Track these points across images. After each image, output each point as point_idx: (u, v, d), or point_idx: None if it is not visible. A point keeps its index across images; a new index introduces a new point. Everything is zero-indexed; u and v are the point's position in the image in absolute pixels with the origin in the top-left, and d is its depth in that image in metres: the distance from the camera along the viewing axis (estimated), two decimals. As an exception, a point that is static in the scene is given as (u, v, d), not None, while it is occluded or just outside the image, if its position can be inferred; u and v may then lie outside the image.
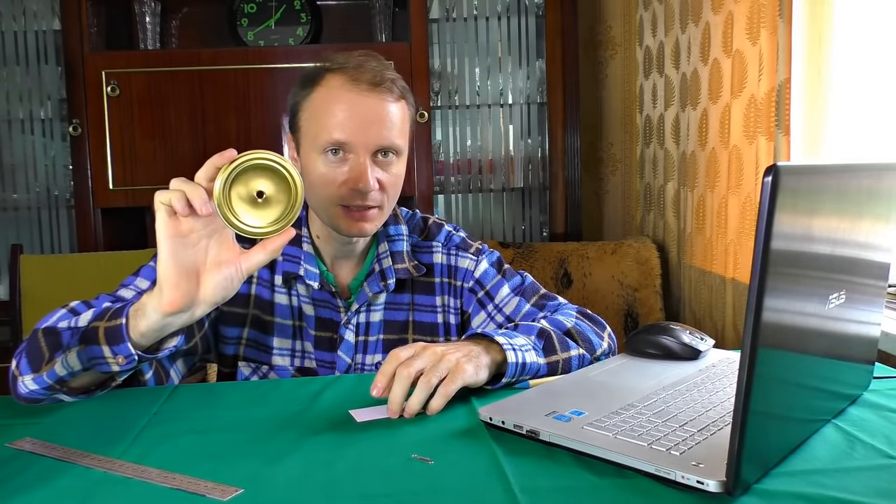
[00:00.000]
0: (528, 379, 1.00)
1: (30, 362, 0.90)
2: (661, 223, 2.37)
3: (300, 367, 1.15)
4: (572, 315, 1.14)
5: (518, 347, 0.98)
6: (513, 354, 0.97)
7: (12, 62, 2.35)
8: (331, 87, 1.05)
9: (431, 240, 1.21)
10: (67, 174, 2.38)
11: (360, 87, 1.04)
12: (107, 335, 0.85)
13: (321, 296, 1.14)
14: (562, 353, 1.04)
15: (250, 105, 2.28)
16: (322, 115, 1.05)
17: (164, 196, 0.80)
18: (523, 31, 2.49)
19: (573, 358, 1.05)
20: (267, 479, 0.72)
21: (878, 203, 0.81)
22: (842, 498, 0.65)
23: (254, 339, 1.14)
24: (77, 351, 0.86)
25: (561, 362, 1.03)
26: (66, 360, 0.87)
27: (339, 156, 1.05)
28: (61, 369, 0.87)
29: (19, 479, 0.74)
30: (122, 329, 0.84)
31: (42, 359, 0.89)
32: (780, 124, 1.55)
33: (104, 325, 0.85)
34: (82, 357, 0.86)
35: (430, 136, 2.37)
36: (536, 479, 0.71)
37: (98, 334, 0.85)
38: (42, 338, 0.90)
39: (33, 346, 0.90)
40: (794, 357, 0.71)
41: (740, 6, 1.74)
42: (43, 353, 0.89)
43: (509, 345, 0.97)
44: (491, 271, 1.20)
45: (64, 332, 0.89)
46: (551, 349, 1.03)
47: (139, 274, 1.09)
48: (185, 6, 2.56)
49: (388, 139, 1.05)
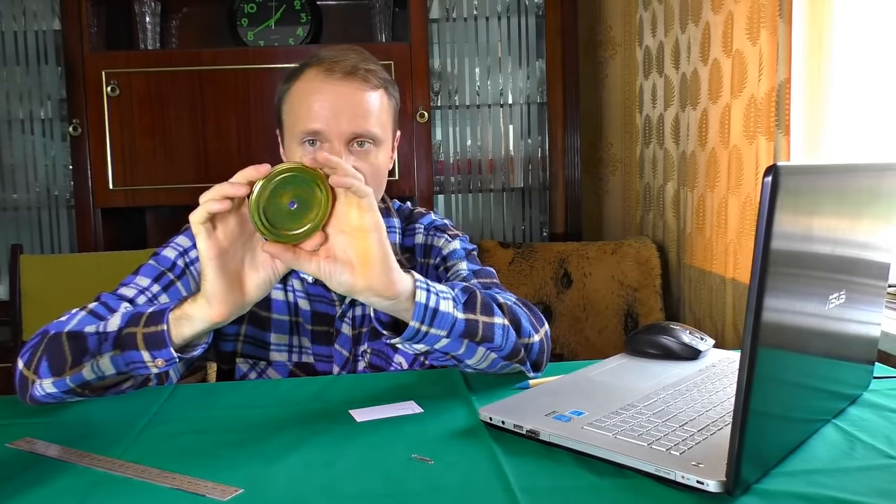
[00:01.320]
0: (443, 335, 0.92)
1: (51, 366, 0.90)
2: (661, 223, 2.37)
3: (297, 362, 1.15)
4: (511, 298, 1.08)
5: (435, 291, 0.91)
6: (424, 295, 0.89)
7: (12, 62, 2.35)
8: (307, 80, 1.07)
9: (415, 223, 1.22)
10: (67, 174, 2.38)
11: (334, 77, 1.05)
12: (146, 341, 0.87)
13: (316, 290, 1.14)
14: (482, 315, 0.95)
15: (250, 105, 2.28)
16: (298, 107, 1.07)
17: (198, 215, 0.81)
18: (523, 31, 2.48)
19: (496, 325, 0.96)
20: (267, 479, 0.72)
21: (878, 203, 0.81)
22: (842, 498, 0.65)
23: (251, 336, 1.15)
24: (111, 356, 0.88)
25: (481, 324, 0.94)
26: (96, 364, 0.88)
27: (315, 146, 1.06)
28: (90, 373, 0.89)
29: (19, 479, 0.74)
30: (165, 335, 0.86)
31: (65, 363, 0.90)
32: (780, 124, 1.55)
33: (142, 331, 0.87)
34: (117, 362, 0.88)
35: (430, 136, 2.37)
36: (536, 479, 0.71)
37: (136, 340, 0.87)
38: (66, 342, 0.91)
39: (55, 349, 0.91)
40: (794, 357, 0.71)
41: (740, 6, 1.74)
42: (66, 357, 0.90)
43: (424, 284, 0.90)
44: (459, 252, 1.19)
45: (90, 337, 0.90)
46: (472, 307, 0.95)
47: (139, 272, 1.09)
48: (185, 6, 2.56)
49: (361, 127, 1.06)
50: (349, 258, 0.85)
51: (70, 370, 0.89)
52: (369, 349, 1.15)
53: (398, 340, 0.92)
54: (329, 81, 1.05)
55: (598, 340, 2.27)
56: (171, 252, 1.11)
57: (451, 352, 0.96)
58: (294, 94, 1.08)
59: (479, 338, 0.95)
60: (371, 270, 0.85)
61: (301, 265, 0.85)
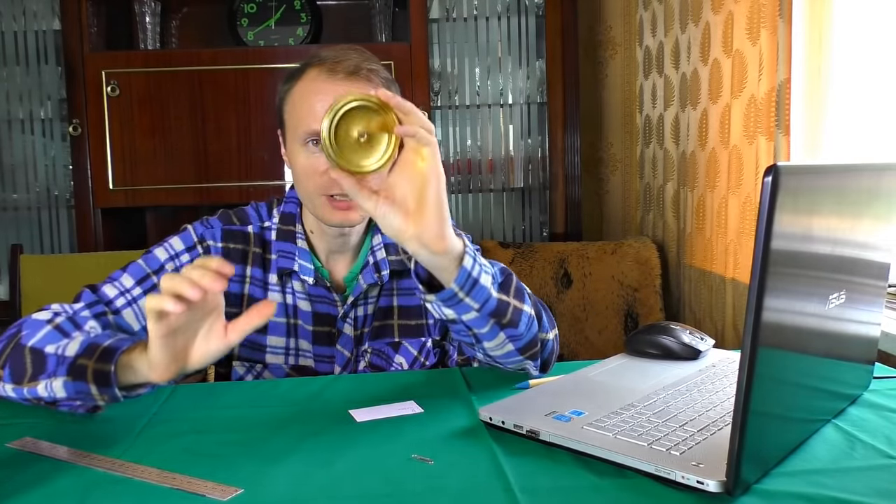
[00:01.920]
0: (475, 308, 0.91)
1: (12, 374, 0.91)
2: (661, 223, 2.37)
3: (294, 364, 1.15)
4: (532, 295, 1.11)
5: (480, 263, 0.92)
6: (470, 262, 0.89)
7: (12, 62, 2.35)
8: (310, 80, 1.07)
9: None
10: (67, 174, 2.38)
11: (337, 77, 1.05)
12: (95, 377, 0.86)
13: (317, 291, 1.14)
14: (515, 299, 0.96)
15: (250, 105, 2.28)
16: (301, 107, 1.06)
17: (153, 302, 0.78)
18: (523, 31, 2.48)
19: (524, 313, 0.96)
20: (267, 479, 0.72)
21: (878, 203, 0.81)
22: (842, 498, 0.65)
23: (248, 339, 1.14)
24: (64, 381, 0.87)
25: (511, 308, 0.95)
26: (50, 385, 0.88)
27: (319, 146, 1.05)
28: (44, 392, 0.89)
29: (19, 479, 0.74)
30: (111, 376, 0.85)
31: (24, 374, 0.90)
32: (780, 124, 1.55)
33: (93, 367, 0.86)
34: (69, 388, 0.87)
35: (430, 136, 2.36)
36: (536, 479, 0.71)
37: (86, 372, 0.86)
38: (28, 356, 0.91)
39: (17, 360, 0.92)
40: (794, 357, 0.71)
41: (740, 6, 1.74)
42: (26, 369, 0.90)
43: (472, 252, 0.91)
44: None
45: (50, 358, 0.90)
46: (507, 289, 0.95)
47: (126, 270, 1.09)
48: (185, 6, 2.56)
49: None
50: (406, 202, 0.85)
51: (27, 383, 0.90)
52: (370, 349, 1.15)
53: (433, 297, 0.91)
54: (332, 81, 1.05)
55: (598, 340, 2.27)
56: (163, 254, 1.11)
57: (474, 328, 0.94)
58: (296, 94, 1.08)
59: (506, 321, 0.95)
60: (425, 219, 0.85)
61: (361, 198, 0.85)
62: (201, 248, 1.12)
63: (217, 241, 1.13)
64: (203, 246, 1.12)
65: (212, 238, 1.13)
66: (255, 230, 1.15)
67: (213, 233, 1.13)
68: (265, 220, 1.16)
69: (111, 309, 1.05)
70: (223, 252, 1.12)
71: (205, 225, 1.14)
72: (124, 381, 0.86)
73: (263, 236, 1.15)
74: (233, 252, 1.13)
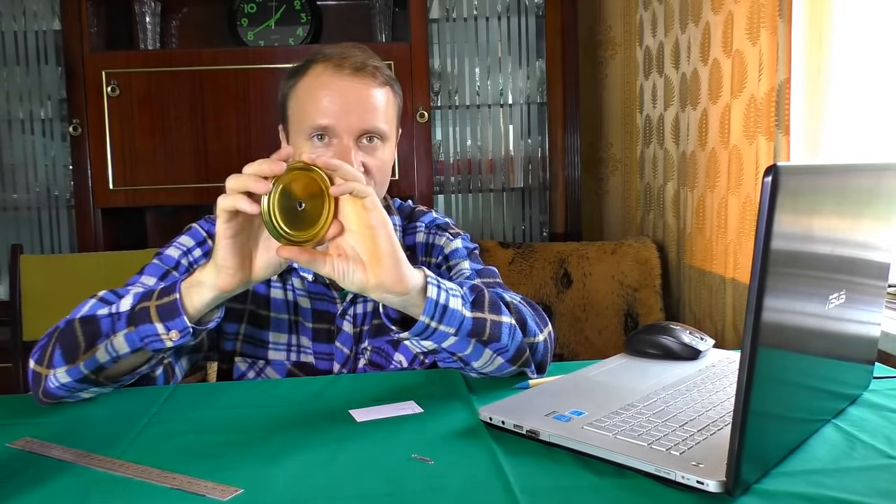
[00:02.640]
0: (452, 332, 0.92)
1: (64, 353, 0.91)
2: (661, 223, 2.37)
3: (296, 361, 1.15)
4: (516, 297, 1.09)
5: (445, 288, 0.92)
6: (435, 291, 0.90)
7: (12, 62, 2.35)
8: (315, 75, 1.08)
9: (416, 221, 1.23)
10: (67, 174, 2.38)
11: (343, 73, 1.06)
12: (160, 312, 0.88)
13: (316, 288, 1.14)
14: (490, 313, 0.96)
15: (250, 105, 2.28)
16: (306, 102, 1.07)
17: (226, 203, 0.82)
18: (523, 31, 2.48)
19: (504, 324, 0.97)
20: (267, 479, 0.72)
21: (878, 203, 0.81)
22: (842, 498, 0.65)
23: (250, 335, 1.15)
24: (125, 334, 0.89)
25: (489, 323, 0.95)
26: (111, 345, 0.89)
27: (324, 141, 1.06)
28: (104, 355, 0.90)
29: (19, 479, 0.74)
30: (178, 304, 0.88)
31: (79, 349, 0.91)
32: (780, 124, 1.55)
33: (155, 304, 0.88)
34: (132, 338, 0.89)
35: (430, 136, 2.37)
36: (536, 479, 0.71)
37: (150, 313, 0.88)
38: (79, 327, 0.92)
39: (68, 337, 0.92)
40: (794, 357, 0.71)
41: (740, 6, 1.74)
42: (79, 342, 0.91)
43: (435, 280, 0.91)
44: (461, 251, 1.20)
45: (103, 320, 0.91)
46: (480, 305, 0.96)
47: (144, 272, 1.10)
48: (185, 6, 2.56)
49: (371, 123, 1.07)
50: (360, 255, 0.86)
51: (84, 355, 0.90)
52: (370, 346, 1.16)
53: (406, 335, 0.92)
54: (338, 77, 1.06)
55: (598, 340, 2.27)
56: (175, 251, 1.12)
57: (457, 352, 0.96)
58: (301, 89, 1.09)
59: (486, 336, 0.95)
60: (382, 267, 0.86)
61: (317, 266, 0.86)
62: (211, 242, 1.13)
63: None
64: (212, 239, 1.12)
65: None
66: None
67: None
68: None
69: None
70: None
71: (210, 221, 1.16)
72: (191, 306, 0.88)
73: None
74: None
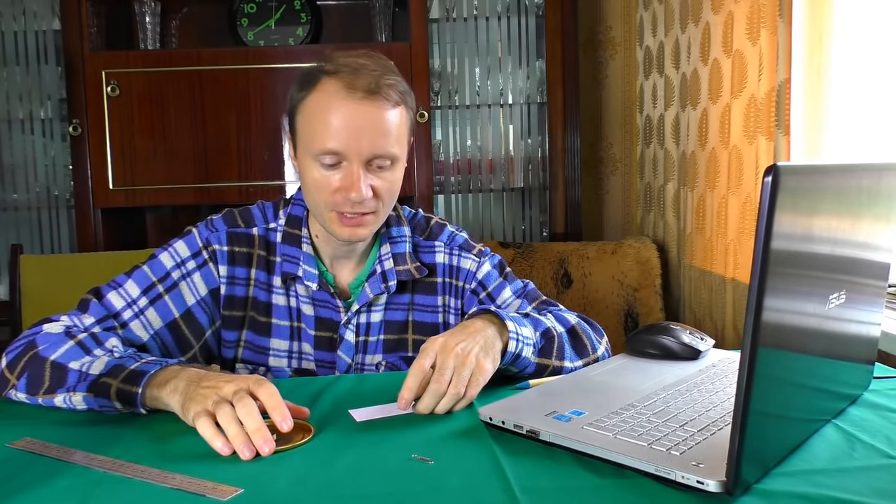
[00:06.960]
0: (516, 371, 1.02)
1: (28, 384, 0.94)
2: (661, 223, 2.37)
3: (297, 368, 1.15)
4: (572, 318, 1.14)
5: (522, 339, 1.00)
6: (514, 345, 0.99)
7: (12, 62, 2.35)
8: (326, 93, 1.03)
9: (434, 239, 1.20)
10: (67, 174, 2.38)
11: (356, 95, 1.01)
12: (119, 395, 0.90)
13: (320, 296, 1.13)
14: (555, 360, 1.05)
15: (250, 105, 2.28)
16: (316, 122, 1.03)
17: (207, 433, 0.80)
18: (523, 31, 2.48)
19: (565, 369, 1.06)
20: (267, 479, 0.72)
21: (878, 203, 0.81)
22: (842, 498, 0.65)
23: (251, 342, 1.14)
24: (84, 396, 0.91)
25: (551, 368, 1.05)
26: (69, 398, 0.92)
27: (332, 163, 1.03)
28: (61, 403, 0.92)
29: (19, 479, 0.74)
30: (137, 399, 0.89)
31: (41, 386, 0.94)
32: (780, 124, 1.55)
33: (118, 386, 0.90)
34: (89, 401, 0.91)
35: (430, 136, 2.37)
36: (536, 479, 0.71)
37: (110, 391, 0.90)
38: (48, 370, 0.94)
39: (36, 372, 0.95)
40: (794, 357, 0.71)
41: (740, 6, 1.74)
42: (44, 381, 0.94)
43: (515, 334, 0.99)
44: (493, 273, 1.20)
45: (72, 373, 0.93)
46: (548, 353, 1.05)
47: (131, 276, 1.09)
48: (185, 6, 2.56)
49: (382, 148, 1.03)
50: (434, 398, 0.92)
51: (44, 394, 0.93)
52: (384, 362, 1.16)
53: None
54: (350, 99, 1.01)
55: (598, 340, 2.27)
56: (168, 260, 1.10)
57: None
58: (311, 106, 1.04)
59: (546, 374, 1.05)
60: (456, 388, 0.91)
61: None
62: (206, 254, 1.11)
63: (223, 245, 1.12)
64: (209, 251, 1.12)
65: (217, 242, 1.12)
66: (259, 232, 1.14)
67: (219, 236, 1.12)
68: (270, 221, 1.15)
69: (119, 322, 1.06)
70: (228, 255, 1.12)
71: (209, 228, 1.13)
72: (150, 403, 0.90)
73: (268, 238, 1.14)
74: (237, 255, 1.13)
